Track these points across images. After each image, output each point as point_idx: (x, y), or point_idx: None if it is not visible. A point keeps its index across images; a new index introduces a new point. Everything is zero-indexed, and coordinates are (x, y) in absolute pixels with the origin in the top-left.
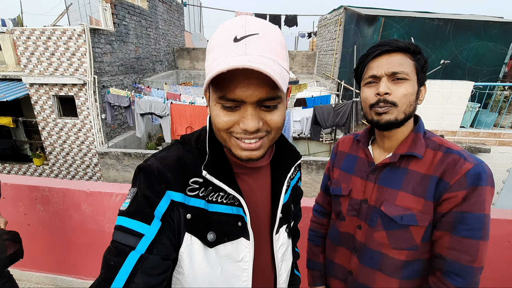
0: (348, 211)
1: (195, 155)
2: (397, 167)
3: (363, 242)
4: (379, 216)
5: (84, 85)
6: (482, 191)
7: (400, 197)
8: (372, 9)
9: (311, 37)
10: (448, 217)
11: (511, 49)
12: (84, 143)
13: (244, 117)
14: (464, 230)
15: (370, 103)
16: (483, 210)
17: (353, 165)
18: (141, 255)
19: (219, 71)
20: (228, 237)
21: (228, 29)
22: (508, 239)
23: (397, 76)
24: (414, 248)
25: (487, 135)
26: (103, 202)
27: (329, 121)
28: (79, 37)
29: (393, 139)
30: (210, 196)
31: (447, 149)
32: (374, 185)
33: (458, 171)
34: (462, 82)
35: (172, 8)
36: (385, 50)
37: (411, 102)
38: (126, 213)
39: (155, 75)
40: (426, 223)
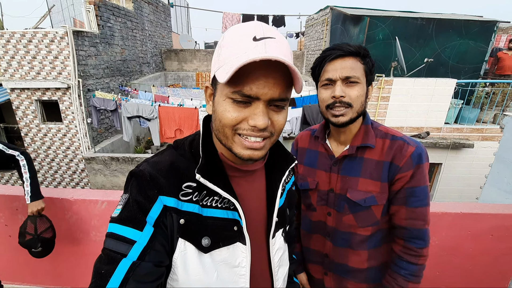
0: (318, 202)
1: (189, 159)
2: (354, 157)
3: (334, 226)
4: (345, 202)
5: (68, 89)
6: (424, 168)
7: (361, 183)
8: (358, 9)
9: (299, 37)
10: (401, 193)
11: (490, 47)
12: (69, 149)
13: (255, 114)
14: (415, 201)
15: (326, 103)
16: (425, 182)
17: (315, 159)
18: (133, 262)
19: (248, 61)
20: (224, 242)
21: (245, 29)
22: (491, 233)
23: (350, 80)
24: (376, 224)
25: (471, 130)
26: (88, 210)
27: (318, 120)
28: (61, 40)
29: (347, 132)
30: (204, 201)
31: (393, 136)
32: (338, 175)
33: (405, 154)
34: (445, 80)
35: (158, 9)
36: (338, 54)
37: (362, 102)
38: (117, 219)
39: (143, 77)
40: (384, 201)
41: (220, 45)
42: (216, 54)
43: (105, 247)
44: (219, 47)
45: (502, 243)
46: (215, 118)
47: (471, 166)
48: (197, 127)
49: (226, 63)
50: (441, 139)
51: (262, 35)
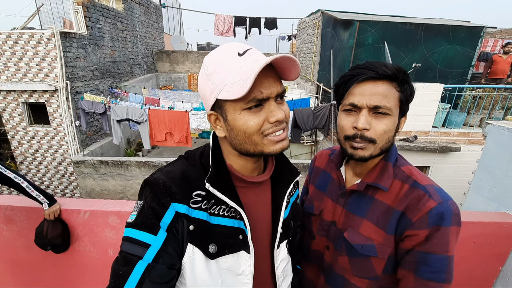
0: (318, 231)
1: (199, 169)
2: (364, 194)
3: (330, 263)
4: (343, 241)
5: (55, 91)
6: (446, 232)
7: (364, 226)
8: (348, 13)
9: (291, 40)
10: (411, 256)
11: (477, 52)
12: (57, 152)
13: (271, 111)
14: (428, 272)
15: (346, 134)
16: (446, 251)
17: (326, 184)
18: (149, 264)
19: (259, 68)
20: (229, 250)
21: (224, 51)
22: (473, 240)
23: (379, 110)
24: (375, 279)
25: (458, 134)
26: (70, 220)
27: (309, 124)
28: (48, 41)
29: (364, 165)
30: (212, 209)
31: (414, 183)
32: (343, 209)
33: (421, 208)
34: (433, 85)
35: (149, 10)
36: (370, 76)
37: (390, 138)
38: (133, 224)
39: (134, 79)
40: (386, 256)
41: (208, 74)
42: (207, 83)
43: (122, 249)
44: (208, 76)
45: (483, 250)
46: (237, 134)
47: (458, 169)
48: (187, 130)
49: (227, 83)
50: (429, 142)
51: (243, 49)
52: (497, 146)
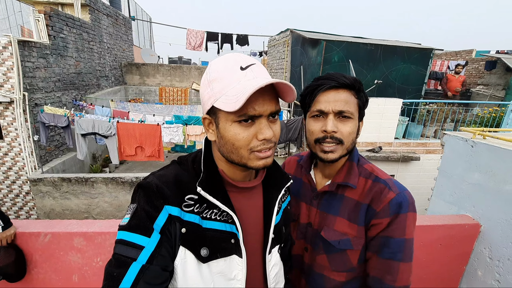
0: (297, 235)
1: (191, 174)
2: (335, 194)
3: (309, 264)
4: (320, 240)
5: (11, 103)
6: (403, 218)
7: (338, 223)
8: (315, 33)
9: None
10: (375, 240)
11: (428, 71)
12: (11, 169)
13: (261, 129)
14: (387, 252)
15: (316, 137)
16: (404, 235)
17: (299, 189)
18: (143, 265)
19: (256, 88)
20: (221, 254)
21: (229, 61)
22: (440, 242)
23: (343, 114)
24: (351, 270)
25: (416, 144)
26: (28, 245)
27: (282, 137)
28: (4, 50)
29: (332, 167)
30: (205, 213)
31: (376, 178)
32: (317, 210)
33: (383, 200)
34: (393, 100)
35: (118, 21)
36: (333, 85)
37: (353, 139)
38: (127, 227)
39: (100, 91)
40: (360, 247)
41: (210, 80)
42: (207, 88)
43: (115, 252)
44: (209, 82)
45: (449, 251)
46: (225, 142)
47: (418, 176)
48: (160, 144)
49: (224, 94)
50: (392, 153)
51: (246, 64)
52: (453, 154)
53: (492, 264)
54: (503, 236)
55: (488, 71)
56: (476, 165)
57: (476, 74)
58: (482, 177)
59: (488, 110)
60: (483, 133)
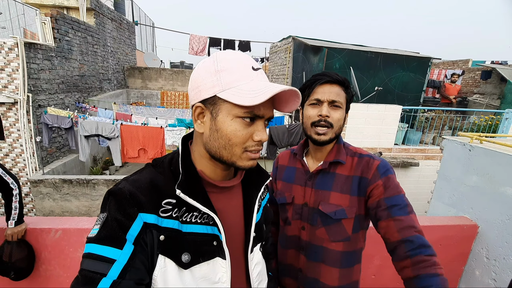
0: (293, 216)
1: (168, 176)
2: (327, 172)
3: (308, 240)
4: (318, 215)
5: (14, 104)
6: (393, 177)
7: (332, 197)
8: (317, 40)
9: (264, 62)
10: (381, 206)
11: (427, 79)
12: (12, 170)
13: (259, 130)
14: (397, 209)
15: (312, 120)
16: (400, 191)
17: (293, 175)
18: (114, 281)
19: (278, 91)
20: (204, 257)
21: (240, 58)
22: (440, 243)
23: (335, 104)
24: (347, 239)
25: (416, 151)
26: (38, 240)
27: (284, 141)
28: (10, 51)
29: (323, 150)
30: (184, 217)
31: (360, 154)
32: (312, 189)
33: (371, 167)
34: (393, 106)
35: (122, 26)
36: (328, 80)
37: (341, 125)
38: (95, 239)
39: (103, 94)
40: (353, 215)
41: (217, 69)
42: (212, 76)
43: (82, 268)
44: (216, 71)
45: (449, 251)
46: (220, 136)
47: (417, 182)
48: (162, 146)
49: (236, 87)
50: (392, 158)
51: (256, 66)
52: (452, 158)
53: (489, 264)
54: (499, 236)
55: (484, 81)
56: (473, 168)
57: (472, 83)
58: (479, 180)
59: (484, 118)
60: (481, 137)
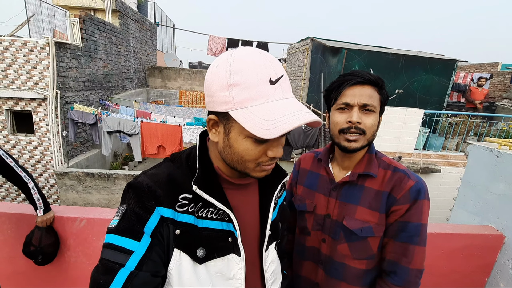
0: (313, 226)
1: (185, 172)
2: (355, 184)
3: (328, 254)
4: (341, 229)
5: (44, 100)
6: (420, 204)
7: (359, 212)
8: (335, 42)
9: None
10: (393, 226)
11: (451, 82)
12: (39, 162)
13: (274, 147)
14: (404, 236)
15: (341, 127)
16: (420, 220)
17: (315, 182)
18: (131, 272)
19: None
20: (218, 253)
21: (257, 67)
22: (462, 252)
23: (367, 108)
24: (372, 257)
25: (437, 156)
26: (64, 228)
27: (299, 142)
28: (42, 50)
29: (352, 158)
30: (200, 212)
31: (395, 168)
32: (336, 201)
33: (403, 187)
34: (414, 110)
35: (144, 27)
36: (359, 81)
37: (375, 131)
38: (115, 230)
39: (124, 92)
40: (381, 233)
41: (230, 83)
42: (224, 90)
43: (102, 257)
44: (230, 86)
45: (471, 262)
46: (232, 153)
47: (438, 189)
48: (180, 144)
49: (246, 107)
50: (412, 163)
51: (276, 76)
52: (478, 164)
53: None
54: None
55: None
56: (501, 176)
57: (501, 87)
58: (507, 188)
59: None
60: (510, 144)
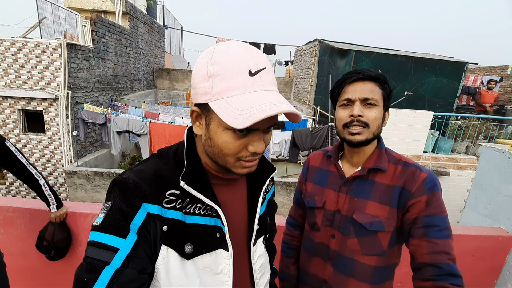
0: (323, 222)
1: (172, 167)
2: (365, 179)
3: (337, 250)
4: (351, 224)
5: (55, 100)
6: (439, 195)
7: (369, 206)
8: (343, 44)
9: (288, 65)
10: (418, 223)
11: (461, 85)
12: (50, 161)
13: (254, 141)
14: (435, 231)
15: (344, 122)
16: (444, 211)
17: (325, 178)
18: (117, 269)
19: (264, 117)
20: (206, 249)
21: (237, 58)
22: (472, 254)
23: (368, 102)
24: (382, 254)
25: (447, 159)
26: (77, 224)
27: (307, 144)
28: (54, 51)
29: (361, 154)
30: (188, 208)
31: (405, 163)
32: (346, 196)
33: (417, 179)
34: (423, 112)
35: (153, 29)
36: (359, 77)
37: (379, 124)
38: (100, 227)
39: (133, 94)
40: (391, 228)
41: (210, 74)
42: (204, 81)
43: (87, 255)
44: (210, 76)
45: (482, 263)
46: (212, 145)
47: (447, 193)
48: None
49: (224, 98)
50: None
51: (256, 68)
52: (489, 166)
53: None
54: None
55: None
56: None
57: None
58: None
59: None
60: None
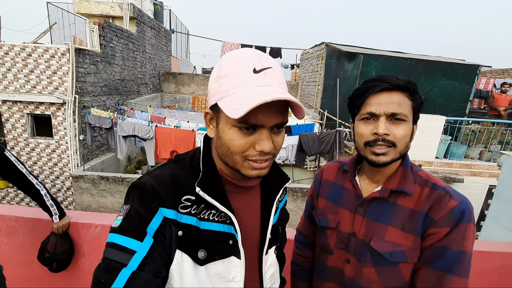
0: (336, 245)
1: (189, 173)
2: (385, 201)
3: (352, 277)
4: (368, 251)
5: (63, 105)
6: (463, 228)
7: (390, 233)
8: (351, 47)
9: (294, 69)
10: (428, 250)
11: (474, 88)
12: (57, 165)
13: (260, 140)
14: (441, 264)
15: (366, 140)
16: (462, 246)
17: (339, 195)
18: (133, 271)
19: (261, 102)
20: (219, 255)
21: (243, 59)
22: (498, 272)
23: (396, 117)
24: (403, 285)
25: (460, 165)
26: (79, 234)
27: (314, 149)
28: (62, 56)
29: (383, 173)
30: (202, 214)
31: (433, 185)
32: (363, 218)
33: (444, 207)
34: (435, 116)
35: (160, 34)
36: (385, 87)
37: (407, 143)
38: (118, 230)
39: (139, 97)
40: (415, 259)
41: (220, 75)
42: (215, 82)
43: (105, 256)
44: (219, 77)
45: (508, 282)
46: (221, 144)
47: None
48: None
49: (229, 95)
50: (433, 173)
51: (261, 66)
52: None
53: None
54: None
55: None
56: None
57: None
58: None
59: None
60: None
